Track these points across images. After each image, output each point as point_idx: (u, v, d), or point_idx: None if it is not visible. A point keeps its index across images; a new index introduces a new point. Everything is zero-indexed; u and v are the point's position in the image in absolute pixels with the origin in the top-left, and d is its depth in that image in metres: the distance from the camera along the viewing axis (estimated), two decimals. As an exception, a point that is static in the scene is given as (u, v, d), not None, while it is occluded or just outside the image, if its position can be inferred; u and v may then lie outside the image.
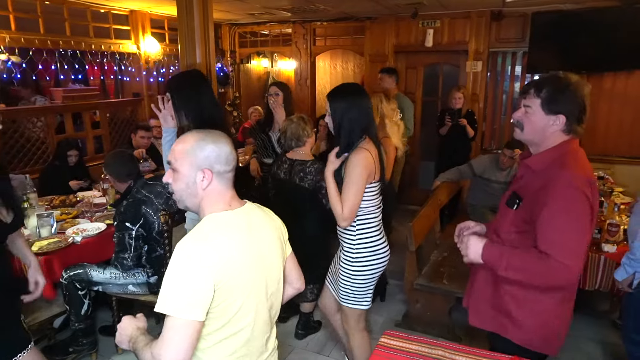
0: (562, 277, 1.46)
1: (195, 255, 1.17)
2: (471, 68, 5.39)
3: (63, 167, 3.83)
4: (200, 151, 1.26)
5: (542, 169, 1.58)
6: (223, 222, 1.27)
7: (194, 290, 1.15)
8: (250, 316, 1.32)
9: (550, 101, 1.53)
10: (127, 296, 2.77)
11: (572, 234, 1.46)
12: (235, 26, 6.73)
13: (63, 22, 4.43)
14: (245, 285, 1.28)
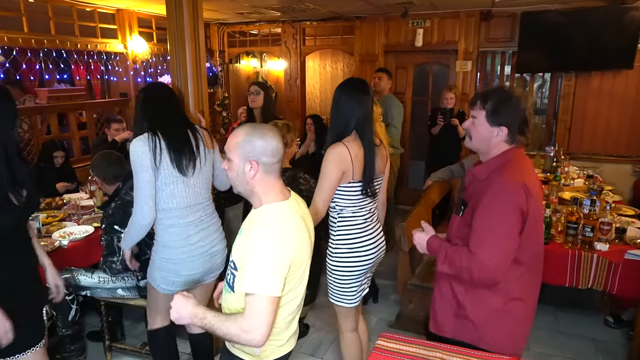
0: (482, 275, 1.59)
1: (276, 241, 1.34)
2: (461, 68, 5.40)
3: (49, 169, 3.73)
4: (248, 144, 1.40)
5: (485, 177, 1.68)
6: (284, 210, 1.42)
7: (277, 272, 1.32)
8: (302, 285, 1.51)
9: (494, 113, 1.64)
10: (116, 300, 2.71)
11: (493, 234, 1.58)
12: (224, 26, 6.67)
13: (48, 20, 4.34)
14: (302, 260, 1.45)
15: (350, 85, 2.08)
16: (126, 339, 3.07)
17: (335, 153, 1.97)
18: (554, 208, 3.11)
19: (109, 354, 2.86)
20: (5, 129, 1.54)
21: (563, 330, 3.19)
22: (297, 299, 1.52)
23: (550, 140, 5.24)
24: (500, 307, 1.71)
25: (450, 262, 1.67)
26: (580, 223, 2.72)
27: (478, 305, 1.73)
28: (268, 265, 1.32)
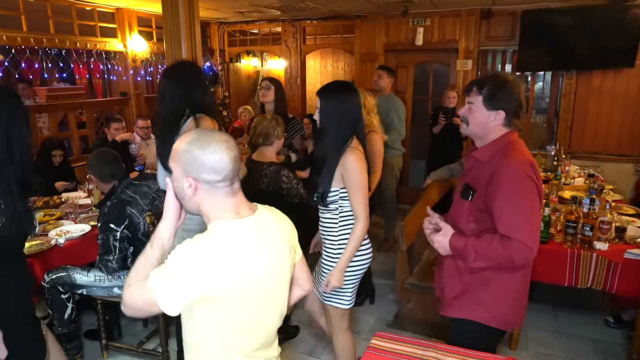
0: (524, 255, 1.60)
1: (193, 267, 1.13)
2: (461, 66, 5.38)
3: (47, 168, 3.73)
4: (187, 155, 1.18)
5: (488, 160, 1.73)
6: (227, 233, 1.19)
7: (178, 288, 1.13)
8: (258, 329, 1.31)
9: (491, 98, 1.70)
10: (112, 299, 2.70)
11: (525, 214, 1.62)
12: (224, 25, 6.66)
13: (47, 19, 4.34)
14: (250, 298, 1.24)
15: (345, 90, 2.06)
16: (123, 338, 3.06)
17: (359, 159, 1.98)
18: (553, 207, 3.09)
19: (106, 352, 2.86)
20: (22, 134, 1.50)
21: (562, 331, 3.17)
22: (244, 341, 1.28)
23: (552, 140, 5.21)
24: (515, 286, 1.79)
25: (485, 256, 1.65)
26: (580, 222, 2.70)
27: (488, 285, 1.77)
28: (174, 281, 1.13)
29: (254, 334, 1.30)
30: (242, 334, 1.28)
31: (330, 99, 2.01)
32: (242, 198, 1.27)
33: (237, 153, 1.22)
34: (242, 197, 1.27)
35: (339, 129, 2.01)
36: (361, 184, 1.99)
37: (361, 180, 1.99)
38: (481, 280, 1.78)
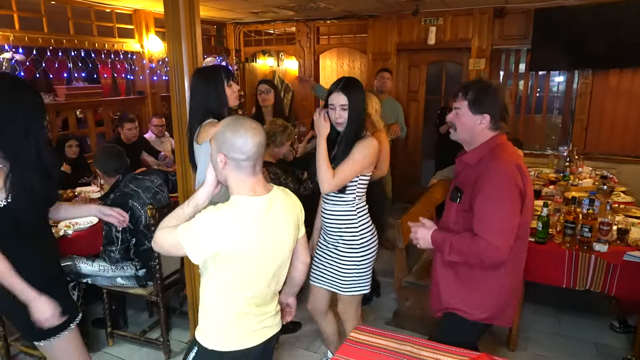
0: (491, 255, 1.64)
1: (212, 226, 1.38)
2: (474, 66, 5.33)
3: (63, 162, 3.91)
4: (221, 136, 1.44)
5: (476, 163, 1.76)
6: (243, 206, 1.43)
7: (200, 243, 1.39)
8: (255, 287, 1.52)
9: (476, 102, 1.73)
10: (116, 289, 2.81)
11: (498, 214, 1.65)
12: (240, 25, 6.78)
13: (67, 21, 4.52)
14: (252, 261, 1.47)
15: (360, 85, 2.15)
16: (129, 327, 3.18)
17: (374, 145, 2.10)
18: (556, 208, 3.04)
19: (111, 340, 2.98)
20: (38, 123, 1.61)
21: (564, 333, 3.12)
22: (248, 293, 1.51)
23: (566, 140, 5.11)
24: (500, 282, 1.81)
25: (458, 251, 1.71)
26: (579, 223, 2.66)
27: (480, 283, 1.81)
28: (198, 234, 1.39)
29: (254, 290, 1.52)
30: (244, 288, 1.50)
31: (357, 93, 2.09)
32: (261, 179, 1.50)
33: (262, 140, 1.45)
34: (261, 178, 1.51)
35: (360, 122, 2.12)
36: (358, 157, 2.06)
37: (361, 156, 2.06)
38: (465, 278, 1.83)
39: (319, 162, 2.07)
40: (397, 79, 5.82)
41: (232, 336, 1.53)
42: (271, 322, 1.63)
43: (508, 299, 1.87)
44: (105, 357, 2.87)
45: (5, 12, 4.06)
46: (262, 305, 1.57)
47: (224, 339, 1.52)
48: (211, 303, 1.53)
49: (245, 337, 1.55)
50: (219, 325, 1.53)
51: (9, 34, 4.00)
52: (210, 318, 1.54)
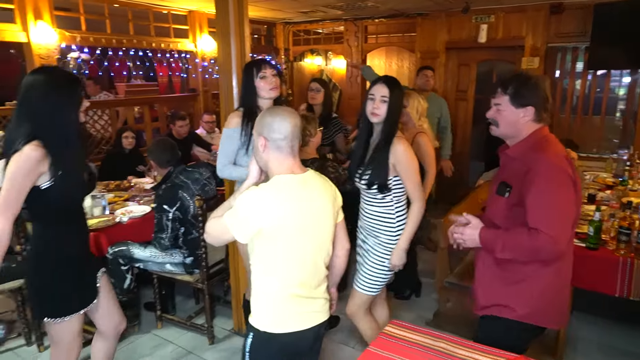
0: (550, 248, 1.59)
1: (253, 201, 1.49)
2: (527, 64, 5.14)
3: (121, 154, 4.16)
4: (260, 121, 1.59)
5: (522, 156, 1.72)
6: (283, 183, 1.54)
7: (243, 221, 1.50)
8: (298, 266, 1.59)
9: (517, 95, 1.70)
10: (165, 275, 2.97)
11: (556, 208, 1.61)
12: (289, 25, 6.90)
13: (127, 22, 4.80)
14: (296, 235, 1.55)
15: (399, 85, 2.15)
16: (176, 312, 3.34)
17: (409, 147, 2.13)
18: (611, 213, 2.89)
19: (160, 323, 3.14)
20: (67, 113, 1.74)
21: (616, 346, 2.96)
22: (290, 274, 1.59)
23: (627, 143, 4.82)
24: (549, 281, 1.75)
25: (512, 248, 1.66)
26: (635, 229, 2.52)
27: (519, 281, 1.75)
28: (241, 214, 1.50)
29: (297, 270, 1.60)
30: (287, 268, 1.58)
31: (400, 90, 2.12)
32: (298, 161, 1.62)
33: (298, 122, 1.58)
34: (298, 160, 1.62)
35: (396, 120, 2.13)
36: (414, 167, 2.12)
37: (414, 165, 2.12)
38: (512, 275, 1.77)
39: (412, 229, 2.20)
40: (445, 78, 5.73)
41: (281, 318, 1.60)
42: (320, 307, 1.68)
43: (553, 298, 1.80)
44: (154, 338, 3.04)
45: (74, 15, 4.37)
46: (308, 288, 1.63)
47: (273, 320, 1.60)
48: (259, 285, 1.62)
49: (294, 320, 1.61)
50: (269, 307, 1.60)
51: (76, 35, 4.31)
52: (259, 300, 1.62)
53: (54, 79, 1.71)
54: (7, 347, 2.91)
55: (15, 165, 1.62)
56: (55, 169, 1.67)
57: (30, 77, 1.70)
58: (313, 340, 1.70)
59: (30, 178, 1.64)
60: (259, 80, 2.30)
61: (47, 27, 4.14)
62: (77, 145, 1.78)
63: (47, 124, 1.68)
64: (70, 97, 1.72)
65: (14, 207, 1.64)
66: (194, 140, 4.66)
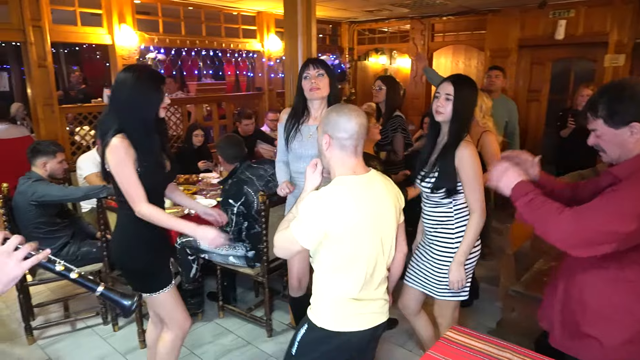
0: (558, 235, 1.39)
1: (317, 205, 1.48)
2: (611, 62, 4.78)
3: (190, 149, 4.38)
4: (325, 119, 1.57)
5: (628, 176, 1.44)
6: (346, 184, 1.51)
7: (310, 227, 1.48)
8: (363, 267, 1.56)
9: (612, 115, 1.44)
10: (228, 266, 3.08)
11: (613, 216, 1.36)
12: (354, 24, 6.90)
13: (200, 24, 5.04)
14: (359, 235, 1.52)
15: (472, 83, 2.06)
16: (237, 303, 3.46)
17: (475, 154, 2.00)
18: None
19: (222, 312, 3.27)
20: (149, 109, 1.86)
21: None
22: (353, 275, 1.56)
23: None
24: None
25: (533, 209, 1.45)
26: None
27: (618, 317, 1.49)
28: (306, 220, 1.48)
29: (362, 271, 1.56)
30: (352, 269, 1.55)
31: (467, 89, 2.02)
32: (361, 161, 1.58)
33: (364, 121, 1.54)
34: (361, 160, 1.58)
35: (464, 121, 2.02)
36: (478, 176, 1.99)
37: (478, 173, 1.99)
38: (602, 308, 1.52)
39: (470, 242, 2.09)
40: (516, 78, 5.47)
41: (340, 317, 1.59)
42: (379, 309, 1.66)
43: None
44: (216, 327, 3.17)
45: (153, 18, 4.66)
46: (369, 289, 1.61)
47: (332, 319, 1.59)
48: (323, 284, 1.60)
49: (353, 320, 1.60)
50: (329, 306, 1.60)
51: (154, 37, 4.59)
52: (321, 298, 1.61)
53: (141, 76, 1.83)
54: (87, 325, 3.17)
55: (114, 157, 1.78)
56: (138, 160, 1.81)
57: (122, 75, 1.84)
58: (369, 340, 1.69)
59: (130, 163, 1.79)
60: (304, 81, 2.33)
61: (130, 30, 4.45)
62: (157, 139, 1.90)
63: (130, 118, 1.81)
64: (153, 94, 1.84)
65: (139, 191, 1.80)
66: (259, 136, 4.80)
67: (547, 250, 3.41)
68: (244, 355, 2.87)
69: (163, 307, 2.06)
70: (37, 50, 3.98)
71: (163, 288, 2.00)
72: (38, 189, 2.81)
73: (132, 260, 1.98)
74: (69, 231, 3.08)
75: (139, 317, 2.89)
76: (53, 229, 2.96)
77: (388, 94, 3.62)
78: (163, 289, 2.00)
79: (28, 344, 2.93)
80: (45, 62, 4.04)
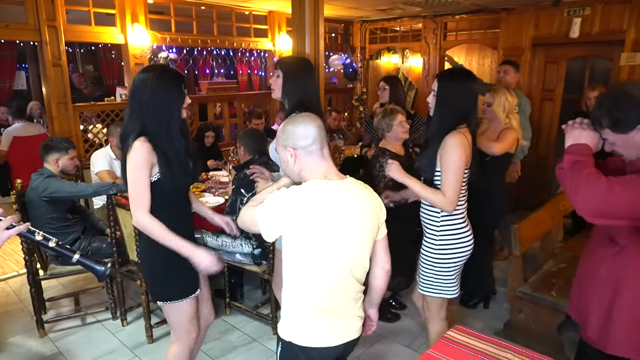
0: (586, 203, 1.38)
1: (285, 201, 1.44)
2: (627, 61, 4.67)
3: (200, 148, 4.42)
4: (282, 134, 1.52)
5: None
6: (316, 188, 1.45)
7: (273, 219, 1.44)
8: (330, 279, 1.49)
9: (618, 123, 1.45)
10: (235, 264, 3.11)
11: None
12: (366, 23, 6.88)
13: (212, 23, 5.08)
14: (329, 242, 1.45)
15: (466, 75, 2.08)
16: (244, 301, 3.48)
17: (458, 141, 1.97)
18: None
19: (228, 309, 3.30)
20: (172, 110, 1.81)
21: None
22: (323, 286, 1.48)
23: None
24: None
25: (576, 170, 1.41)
26: None
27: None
28: (271, 211, 1.44)
29: (329, 283, 1.49)
30: (318, 279, 1.48)
31: (447, 81, 2.04)
32: (331, 165, 1.52)
33: (320, 122, 1.51)
34: (331, 164, 1.53)
35: (447, 113, 2.02)
36: (454, 164, 1.97)
37: (455, 162, 1.96)
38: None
39: (419, 194, 2.06)
40: (530, 76, 5.39)
41: (306, 331, 1.51)
42: (349, 325, 1.57)
43: None
44: (222, 323, 3.19)
45: (165, 17, 4.71)
46: (337, 302, 1.52)
47: (298, 332, 1.51)
48: (289, 294, 1.53)
49: (319, 335, 1.51)
50: (294, 317, 1.53)
51: (166, 36, 4.65)
52: (287, 309, 1.55)
53: (161, 77, 1.78)
54: (97, 319, 3.22)
55: (131, 160, 1.74)
56: (161, 162, 1.77)
57: (141, 76, 1.77)
58: (338, 355, 1.59)
59: (146, 169, 1.75)
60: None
61: (142, 30, 4.51)
62: (181, 140, 1.85)
63: (153, 120, 1.76)
64: (176, 94, 1.80)
65: (144, 200, 1.76)
66: (269, 134, 4.82)
67: (558, 254, 3.37)
68: (249, 352, 2.89)
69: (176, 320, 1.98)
70: (52, 50, 4.06)
71: (177, 299, 1.92)
72: (50, 185, 2.87)
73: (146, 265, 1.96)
74: (80, 227, 3.14)
75: (147, 313, 2.93)
76: (65, 224, 3.02)
77: (392, 94, 3.62)
78: (176, 300, 1.92)
79: (39, 337, 3.00)
80: (60, 62, 4.12)
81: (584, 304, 1.69)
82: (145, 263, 2.01)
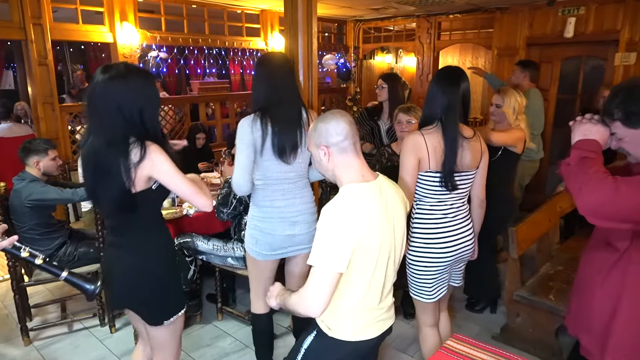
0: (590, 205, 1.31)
1: (339, 220, 1.38)
2: (622, 61, 4.65)
3: (192, 149, 4.33)
4: (314, 132, 1.51)
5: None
6: (360, 193, 1.43)
7: (338, 248, 1.36)
8: (378, 273, 1.50)
9: (630, 115, 1.40)
10: (226, 268, 3.03)
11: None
12: (360, 22, 6.82)
13: (203, 22, 5.00)
14: (372, 244, 1.44)
15: (440, 74, 2.03)
16: (236, 305, 3.41)
17: (409, 140, 1.96)
18: None
19: (220, 314, 3.22)
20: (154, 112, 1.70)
21: None
22: (370, 286, 1.49)
23: None
24: None
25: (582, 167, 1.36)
26: None
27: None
28: (328, 241, 1.36)
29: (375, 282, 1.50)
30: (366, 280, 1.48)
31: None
32: (364, 162, 1.52)
33: (350, 119, 1.51)
34: (364, 161, 1.53)
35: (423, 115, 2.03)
36: (402, 164, 1.97)
37: (403, 162, 1.97)
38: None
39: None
40: (524, 76, 5.36)
41: (352, 327, 1.53)
42: (387, 314, 1.62)
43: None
44: (214, 329, 3.12)
45: (155, 16, 4.62)
46: (381, 298, 1.56)
47: (347, 329, 1.53)
48: (338, 294, 1.49)
49: (364, 330, 1.55)
50: (345, 316, 1.53)
51: (156, 35, 4.55)
52: (333, 308, 1.51)
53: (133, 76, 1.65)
54: (84, 326, 3.13)
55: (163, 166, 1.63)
56: None
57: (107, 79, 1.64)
58: (376, 344, 1.64)
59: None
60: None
61: (132, 28, 4.42)
62: (166, 142, 1.75)
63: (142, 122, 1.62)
64: (154, 91, 1.73)
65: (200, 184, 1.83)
66: None
67: (555, 256, 3.33)
68: (242, 359, 2.82)
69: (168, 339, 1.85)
70: (38, 48, 3.95)
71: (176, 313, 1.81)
72: (34, 191, 2.77)
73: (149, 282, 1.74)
74: (66, 231, 3.05)
75: (135, 319, 2.84)
76: (49, 229, 2.93)
77: (390, 92, 3.56)
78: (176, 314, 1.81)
79: (24, 345, 2.91)
80: (46, 60, 4.02)
81: (581, 317, 1.63)
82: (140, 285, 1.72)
